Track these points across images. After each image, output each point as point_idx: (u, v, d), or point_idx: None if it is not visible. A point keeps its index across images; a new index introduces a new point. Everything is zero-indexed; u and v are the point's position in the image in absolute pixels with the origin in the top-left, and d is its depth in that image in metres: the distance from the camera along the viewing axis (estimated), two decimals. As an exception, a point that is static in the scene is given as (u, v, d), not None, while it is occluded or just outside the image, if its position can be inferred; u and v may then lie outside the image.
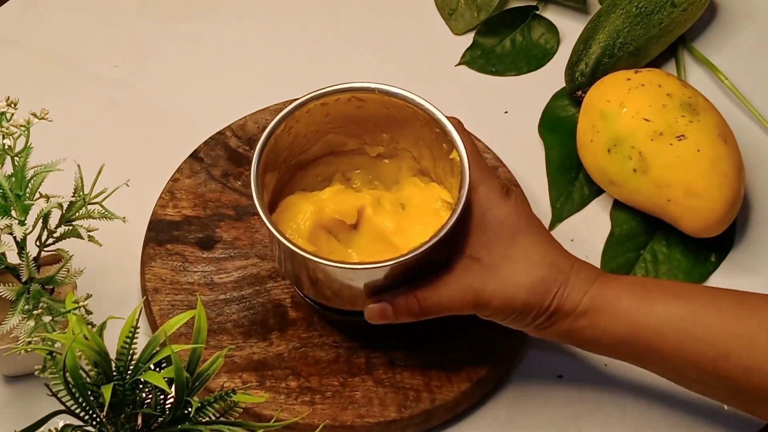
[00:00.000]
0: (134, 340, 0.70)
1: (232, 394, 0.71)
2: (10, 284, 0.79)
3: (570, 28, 1.06)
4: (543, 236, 0.80)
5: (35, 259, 0.81)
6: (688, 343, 0.76)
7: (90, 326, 0.72)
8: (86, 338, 0.69)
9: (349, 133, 0.88)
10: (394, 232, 0.85)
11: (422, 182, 0.87)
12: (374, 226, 0.85)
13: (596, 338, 0.79)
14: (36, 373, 0.75)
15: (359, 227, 0.86)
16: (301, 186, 0.88)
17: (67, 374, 0.68)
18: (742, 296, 0.79)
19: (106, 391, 0.67)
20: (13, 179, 0.79)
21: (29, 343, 0.77)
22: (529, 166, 0.98)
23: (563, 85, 1.02)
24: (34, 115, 0.80)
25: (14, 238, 0.79)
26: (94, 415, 0.70)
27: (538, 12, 1.07)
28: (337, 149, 0.89)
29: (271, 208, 0.85)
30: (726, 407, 0.86)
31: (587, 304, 0.78)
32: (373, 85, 0.84)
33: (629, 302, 0.78)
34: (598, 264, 0.92)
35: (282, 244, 0.78)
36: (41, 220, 0.81)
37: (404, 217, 0.85)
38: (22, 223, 0.78)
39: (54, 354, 0.71)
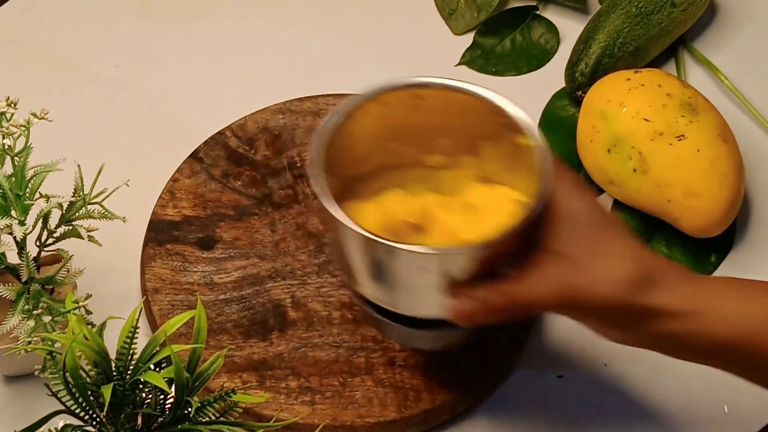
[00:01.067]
0: (134, 340, 0.70)
1: (232, 394, 0.71)
2: (10, 284, 0.79)
3: (570, 28, 1.06)
4: (626, 232, 0.75)
5: (35, 259, 0.81)
6: None
7: (90, 326, 0.72)
8: (86, 338, 0.69)
9: (406, 141, 0.80)
10: (465, 230, 0.78)
11: (487, 186, 0.81)
12: (443, 225, 0.78)
13: (687, 343, 0.73)
14: (36, 373, 0.75)
15: (427, 229, 0.79)
16: (356, 197, 0.80)
17: (67, 374, 0.68)
18: None
19: (106, 391, 0.67)
20: (13, 179, 0.79)
21: (29, 343, 0.77)
22: (529, 166, 0.97)
23: (563, 85, 1.02)
24: (34, 115, 0.80)
25: (14, 238, 0.79)
26: (94, 415, 0.70)
27: (538, 12, 1.07)
28: (394, 162, 0.81)
29: None
30: (726, 408, 0.86)
31: (681, 305, 0.72)
32: (434, 80, 0.78)
33: (733, 305, 0.72)
34: (598, 264, 0.92)
35: (355, 235, 0.71)
36: (41, 220, 0.81)
37: (474, 216, 0.79)
38: (22, 223, 0.78)
39: (54, 354, 0.71)
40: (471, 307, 0.73)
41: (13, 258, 0.81)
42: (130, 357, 0.70)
